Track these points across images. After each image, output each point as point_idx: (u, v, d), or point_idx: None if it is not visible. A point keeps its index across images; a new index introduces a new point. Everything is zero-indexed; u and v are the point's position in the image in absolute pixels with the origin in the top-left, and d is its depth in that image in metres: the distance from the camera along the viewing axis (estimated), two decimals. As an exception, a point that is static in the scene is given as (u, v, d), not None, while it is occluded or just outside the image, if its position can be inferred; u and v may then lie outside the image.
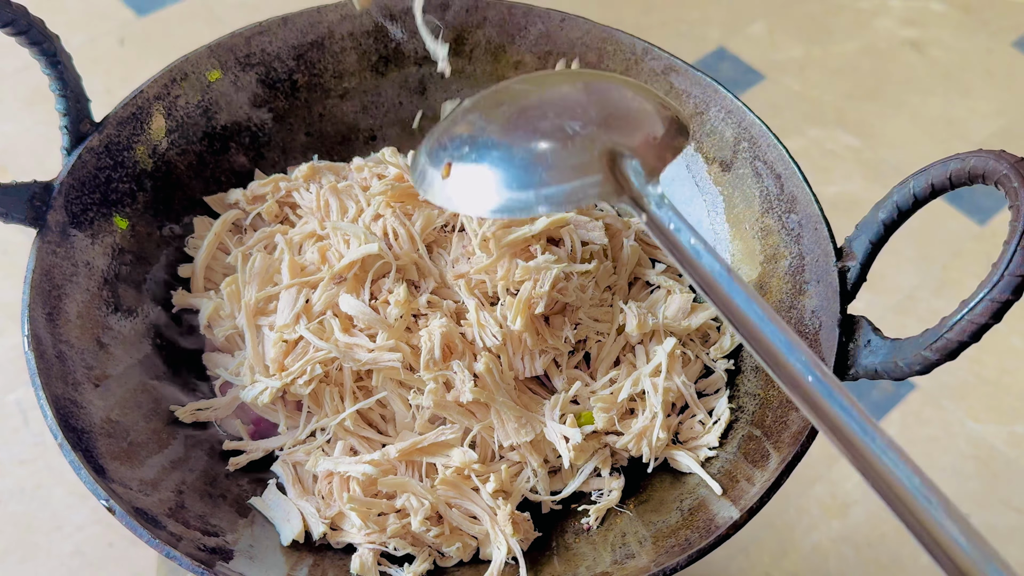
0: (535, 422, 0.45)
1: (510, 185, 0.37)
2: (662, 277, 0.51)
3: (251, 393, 0.46)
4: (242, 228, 0.54)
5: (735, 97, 0.51)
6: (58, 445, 0.40)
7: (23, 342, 0.42)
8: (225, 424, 0.48)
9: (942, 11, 1.13)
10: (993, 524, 0.74)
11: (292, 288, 0.48)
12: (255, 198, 0.54)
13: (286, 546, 0.43)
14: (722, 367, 0.49)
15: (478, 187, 0.38)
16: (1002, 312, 0.36)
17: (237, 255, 0.50)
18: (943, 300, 0.87)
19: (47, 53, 0.44)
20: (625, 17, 1.09)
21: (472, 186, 0.38)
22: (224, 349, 0.50)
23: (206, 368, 0.50)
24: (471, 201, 0.38)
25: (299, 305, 0.47)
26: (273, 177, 0.54)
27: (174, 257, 0.52)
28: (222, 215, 0.53)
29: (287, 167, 0.56)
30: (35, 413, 0.74)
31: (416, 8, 0.54)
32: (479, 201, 0.38)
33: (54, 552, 0.68)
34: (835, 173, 0.97)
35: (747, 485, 0.42)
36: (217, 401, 0.48)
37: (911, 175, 0.40)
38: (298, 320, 0.47)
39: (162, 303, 0.51)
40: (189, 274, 0.52)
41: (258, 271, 0.48)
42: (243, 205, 0.54)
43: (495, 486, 0.43)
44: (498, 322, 0.45)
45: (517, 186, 0.37)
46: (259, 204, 0.53)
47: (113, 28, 1.03)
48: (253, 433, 0.48)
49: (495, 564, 0.43)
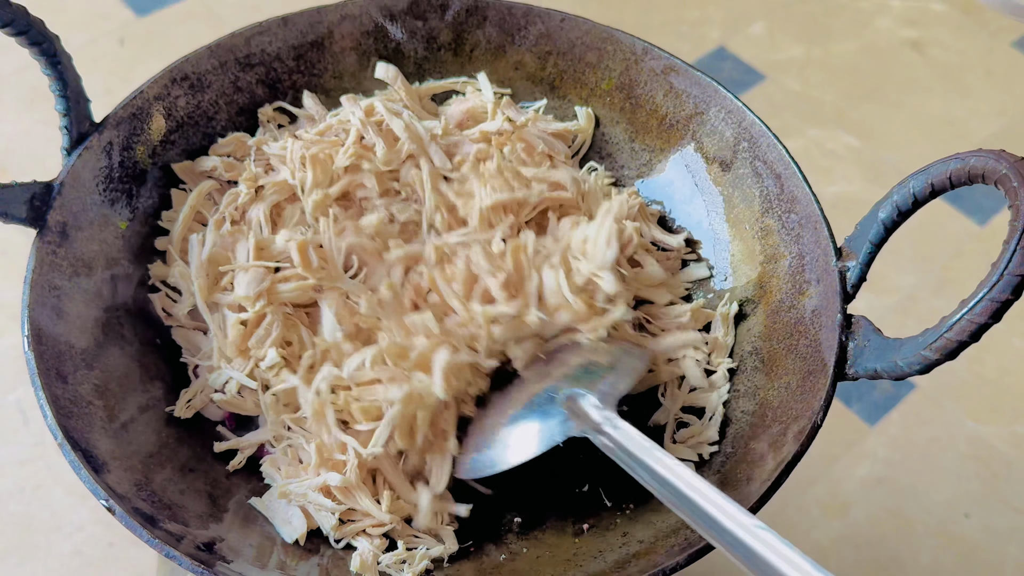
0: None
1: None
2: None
3: (218, 380, 0.46)
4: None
5: (735, 97, 0.51)
6: (58, 445, 0.40)
7: (23, 342, 0.42)
8: (209, 411, 0.48)
9: (942, 11, 1.13)
10: (993, 524, 0.74)
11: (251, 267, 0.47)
12: (232, 166, 0.52)
13: (286, 546, 0.43)
14: (725, 367, 0.49)
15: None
16: (1002, 312, 0.36)
17: (211, 224, 0.49)
18: (943, 300, 0.87)
19: (47, 53, 0.44)
20: (625, 17, 1.09)
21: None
22: (194, 328, 0.49)
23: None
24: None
25: (263, 285, 0.46)
26: (234, 136, 0.53)
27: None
28: (196, 187, 0.51)
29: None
30: (35, 413, 0.74)
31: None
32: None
33: (54, 552, 0.68)
34: (835, 173, 0.97)
35: (747, 484, 0.42)
36: (194, 386, 0.47)
37: (911, 175, 0.40)
38: (260, 298, 0.46)
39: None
40: (166, 247, 0.51)
41: (207, 257, 0.48)
42: (220, 174, 0.52)
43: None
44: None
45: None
46: (235, 174, 0.52)
47: (113, 28, 1.03)
48: (231, 425, 0.48)
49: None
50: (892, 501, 0.75)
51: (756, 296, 0.50)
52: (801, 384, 0.44)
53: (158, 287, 0.50)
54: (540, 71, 0.57)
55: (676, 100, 0.54)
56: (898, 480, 0.76)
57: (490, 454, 0.44)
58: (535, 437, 0.43)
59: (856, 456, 0.77)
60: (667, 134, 0.55)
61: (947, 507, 0.74)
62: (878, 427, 0.78)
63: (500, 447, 0.44)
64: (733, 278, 0.51)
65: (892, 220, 0.41)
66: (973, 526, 0.74)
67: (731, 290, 0.51)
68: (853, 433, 0.78)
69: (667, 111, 0.54)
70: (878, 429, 0.78)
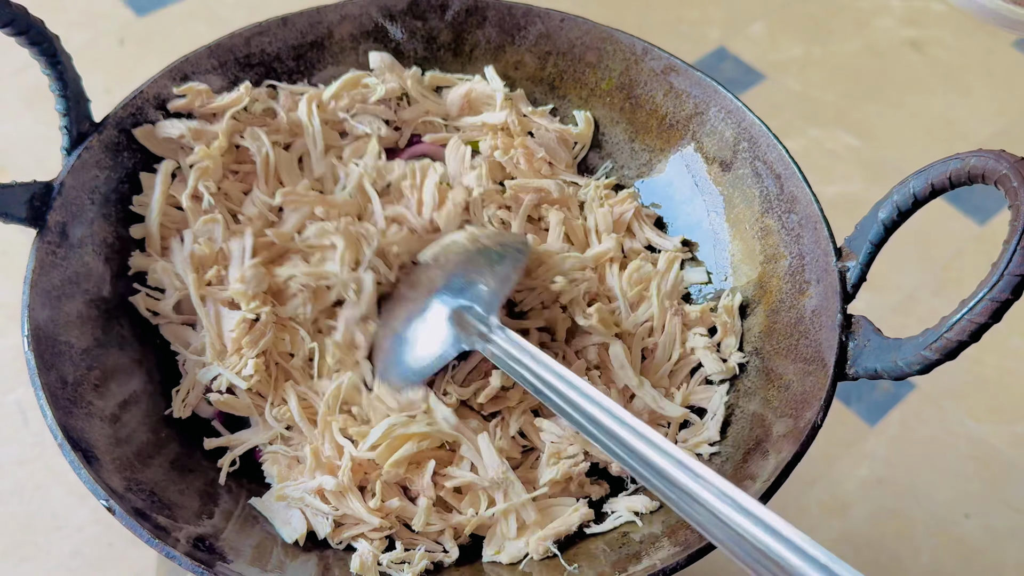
0: None
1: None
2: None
3: (207, 376, 0.46)
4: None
5: (735, 97, 0.51)
6: (58, 445, 0.40)
7: (23, 342, 0.42)
8: (201, 408, 0.48)
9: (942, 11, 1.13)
10: (993, 524, 0.74)
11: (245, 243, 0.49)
12: (199, 133, 0.50)
13: (286, 546, 0.43)
14: (735, 360, 0.49)
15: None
16: (1002, 312, 0.36)
17: (187, 208, 0.49)
18: (943, 300, 0.87)
19: (47, 53, 0.44)
20: (625, 17, 1.09)
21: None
22: (182, 322, 0.49)
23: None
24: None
25: (262, 286, 0.47)
26: (189, 86, 0.51)
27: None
28: (161, 167, 0.50)
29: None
30: (35, 413, 0.74)
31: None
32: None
33: (54, 552, 0.68)
34: (835, 173, 0.97)
35: (747, 485, 0.42)
36: (185, 382, 0.47)
37: (911, 175, 0.40)
38: (255, 298, 0.47)
39: (162, 303, 0.51)
40: (143, 234, 0.50)
41: (192, 253, 0.48)
42: (188, 141, 0.50)
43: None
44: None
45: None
46: (204, 142, 0.50)
47: (113, 28, 1.03)
48: (221, 419, 0.48)
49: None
50: (892, 501, 0.75)
51: (756, 296, 0.50)
52: (801, 384, 0.44)
53: (139, 283, 0.49)
54: (540, 71, 0.57)
55: (676, 100, 0.54)
56: (898, 480, 0.76)
57: (397, 371, 0.46)
58: (432, 354, 0.44)
59: (856, 456, 0.77)
60: (667, 134, 0.55)
61: (947, 507, 0.74)
62: (878, 427, 0.78)
63: (402, 365, 0.46)
64: (733, 278, 0.51)
65: (892, 220, 0.41)
66: (973, 526, 0.73)
67: (731, 290, 0.51)
68: (853, 433, 0.78)
69: (667, 111, 0.54)
70: (878, 429, 0.78)
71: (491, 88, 0.56)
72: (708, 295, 0.52)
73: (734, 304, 0.50)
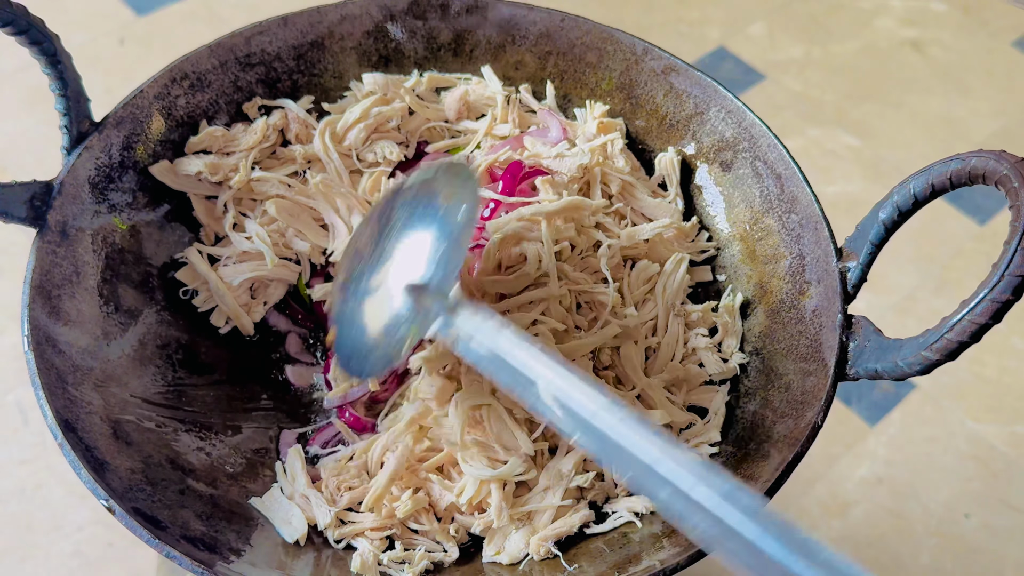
0: None
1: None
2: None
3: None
4: (222, 207, 0.53)
5: (735, 97, 0.51)
6: (58, 445, 0.40)
7: (23, 342, 0.42)
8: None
9: (942, 11, 1.13)
10: (993, 524, 0.74)
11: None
12: (216, 168, 0.52)
13: (286, 546, 0.43)
14: (736, 361, 0.48)
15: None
16: (1002, 312, 0.36)
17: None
18: (943, 300, 0.87)
19: (47, 53, 0.44)
20: (625, 17, 1.09)
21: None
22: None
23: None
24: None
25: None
26: (207, 131, 0.53)
27: (174, 257, 0.52)
28: (201, 244, 0.52)
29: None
30: (35, 413, 0.74)
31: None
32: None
33: (54, 552, 0.68)
34: (835, 173, 0.97)
35: (748, 484, 0.42)
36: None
37: (911, 175, 0.40)
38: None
39: (162, 302, 0.51)
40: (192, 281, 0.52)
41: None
42: (206, 176, 0.52)
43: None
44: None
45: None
46: (222, 173, 0.52)
47: (113, 28, 1.03)
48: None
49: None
50: (892, 501, 0.75)
51: (756, 296, 0.50)
52: (801, 384, 0.44)
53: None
54: (540, 71, 0.57)
55: (676, 100, 0.54)
56: (898, 480, 0.76)
57: (356, 364, 0.44)
58: (387, 355, 0.42)
59: (856, 456, 0.77)
60: (667, 134, 0.54)
61: (947, 507, 0.74)
62: (878, 427, 0.78)
63: (362, 357, 0.44)
64: (734, 278, 0.51)
65: (892, 220, 0.41)
66: (973, 526, 0.73)
67: (731, 290, 0.51)
68: (853, 433, 0.78)
69: (667, 111, 0.54)
70: (878, 429, 0.78)
71: (490, 90, 0.56)
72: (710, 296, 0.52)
73: (735, 304, 0.50)
